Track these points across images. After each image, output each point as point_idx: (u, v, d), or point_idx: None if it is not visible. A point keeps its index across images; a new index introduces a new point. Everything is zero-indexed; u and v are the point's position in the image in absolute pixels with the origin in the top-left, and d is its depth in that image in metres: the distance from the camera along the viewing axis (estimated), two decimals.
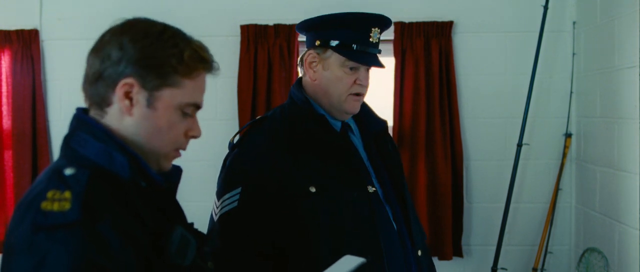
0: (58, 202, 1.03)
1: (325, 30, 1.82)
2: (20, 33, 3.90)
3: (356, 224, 1.76)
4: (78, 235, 1.00)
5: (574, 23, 3.81)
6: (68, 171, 1.09)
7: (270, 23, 3.84)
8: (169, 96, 1.18)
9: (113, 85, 1.16)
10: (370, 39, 1.83)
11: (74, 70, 3.95)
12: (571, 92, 3.79)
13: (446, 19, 3.83)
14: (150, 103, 1.17)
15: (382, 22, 1.86)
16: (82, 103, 1.24)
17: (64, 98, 3.98)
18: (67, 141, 1.20)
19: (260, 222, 1.73)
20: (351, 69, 1.81)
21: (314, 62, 1.84)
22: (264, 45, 3.83)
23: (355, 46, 1.81)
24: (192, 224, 1.31)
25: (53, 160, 3.91)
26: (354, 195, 1.78)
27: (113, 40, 1.17)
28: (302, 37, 3.80)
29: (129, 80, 1.15)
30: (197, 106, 1.25)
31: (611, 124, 3.36)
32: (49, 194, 1.04)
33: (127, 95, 1.16)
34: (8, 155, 3.94)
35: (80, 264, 0.98)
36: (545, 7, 3.59)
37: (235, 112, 3.83)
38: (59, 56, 3.98)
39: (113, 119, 1.19)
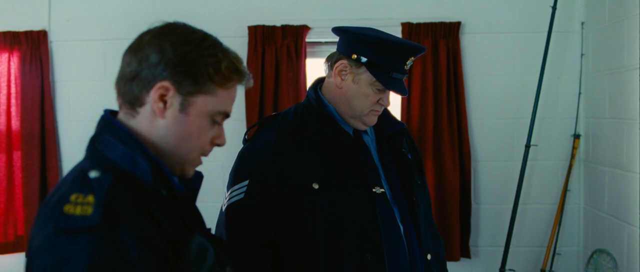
0: (81, 206, 1.03)
1: (366, 47, 1.82)
2: (29, 34, 3.92)
3: (357, 222, 1.79)
4: (98, 240, 1.00)
5: (582, 23, 3.80)
6: (93, 174, 1.09)
7: (278, 24, 3.84)
8: (202, 103, 1.20)
9: (149, 87, 1.17)
10: (405, 67, 1.85)
11: (83, 71, 4.03)
12: (579, 93, 3.79)
13: (454, 19, 3.83)
14: (183, 108, 1.19)
15: (419, 52, 1.88)
16: (90, 104, 1.25)
17: (73, 99, 4.00)
18: (93, 142, 1.20)
19: (264, 214, 1.80)
20: (379, 89, 1.84)
21: (344, 71, 1.85)
22: (271, 46, 3.84)
23: (390, 72, 1.82)
24: (209, 229, 1.32)
25: (61, 161, 3.95)
26: (357, 194, 1.81)
27: (153, 43, 1.18)
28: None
29: (166, 83, 1.17)
30: (227, 115, 1.27)
31: (620, 125, 3.35)
32: (72, 198, 1.05)
33: (162, 98, 1.18)
34: (17, 156, 3.96)
35: (99, 269, 0.99)
36: (554, 8, 3.58)
37: (243, 113, 3.84)
38: (68, 57, 4.00)
39: (144, 120, 1.20)
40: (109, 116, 1.23)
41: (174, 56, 1.17)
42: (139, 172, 1.15)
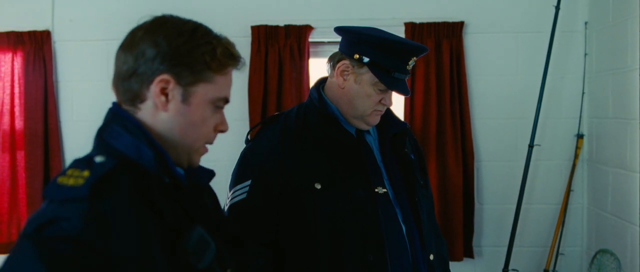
0: (74, 178, 1.05)
1: (368, 47, 1.81)
2: (32, 34, 3.93)
3: (359, 222, 1.79)
4: (84, 211, 1.01)
5: (585, 23, 3.79)
6: (98, 159, 1.10)
7: (281, 24, 3.84)
8: (203, 91, 1.22)
9: (148, 82, 1.18)
10: (407, 67, 1.85)
11: (86, 71, 4.03)
12: (583, 93, 3.78)
13: (457, 19, 3.82)
14: (185, 98, 1.20)
15: (421, 52, 1.88)
16: (93, 104, 1.25)
17: (76, 99, 4.01)
18: (101, 133, 1.21)
19: (266, 214, 1.80)
20: (381, 89, 1.84)
21: (346, 71, 1.85)
22: (274, 46, 3.84)
23: (393, 72, 1.82)
24: (218, 227, 1.32)
25: (65, 160, 3.96)
26: (360, 194, 1.81)
27: (146, 38, 1.19)
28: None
29: (165, 76, 1.18)
30: (227, 100, 1.29)
31: (623, 125, 3.34)
32: (69, 172, 1.07)
33: (163, 91, 1.19)
34: (20, 155, 3.97)
35: (83, 239, 0.98)
36: (557, 7, 3.57)
37: (246, 113, 3.84)
38: (71, 57, 4.01)
39: (146, 115, 1.21)
40: (116, 108, 1.24)
41: (169, 49, 1.18)
42: (143, 160, 1.16)
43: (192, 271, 1.15)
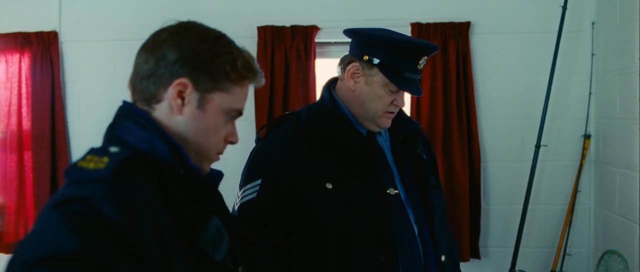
0: (94, 162, 1.07)
1: (377, 48, 1.81)
2: (39, 35, 3.95)
3: (370, 223, 1.78)
4: (105, 191, 1.02)
5: (593, 23, 3.78)
6: (113, 149, 1.12)
7: (287, 24, 3.85)
8: (219, 100, 1.23)
9: (166, 84, 1.20)
10: (418, 67, 1.84)
11: (93, 71, 4.05)
12: (590, 93, 3.77)
13: (463, 19, 3.82)
14: (201, 104, 1.21)
15: (432, 51, 1.86)
16: (100, 104, 1.25)
17: (83, 99, 4.02)
18: (111, 129, 1.22)
19: (276, 214, 1.79)
20: (392, 90, 1.83)
21: (357, 73, 1.85)
22: (281, 47, 3.84)
23: (403, 72, 1.81)
24: (234, 224, 1.32)
25: (72, 160, 3.96)
26: (371, 195, 1.80)
27: (170, 41, 1.20)
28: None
29: (183, 80, 1.19)
30: (240, 113, 1.30)
31: (631, 126, 3.33)
32: (88, 157, 1.09)
33: (180, 95, 1.20)
34: (28, 156, 3.99)
35: (98, 218, 0.99)
36: (564, 8, 3.56)
37: (253, 114, 3.84)
38: (78, 58, 4.03)
39: (161, 115, 1.22)
40: (128, 105, 1.25)
41: (191, 54, 1.19)
42: (157, 153, 1.17)
43: (208, 263, 1.15)
